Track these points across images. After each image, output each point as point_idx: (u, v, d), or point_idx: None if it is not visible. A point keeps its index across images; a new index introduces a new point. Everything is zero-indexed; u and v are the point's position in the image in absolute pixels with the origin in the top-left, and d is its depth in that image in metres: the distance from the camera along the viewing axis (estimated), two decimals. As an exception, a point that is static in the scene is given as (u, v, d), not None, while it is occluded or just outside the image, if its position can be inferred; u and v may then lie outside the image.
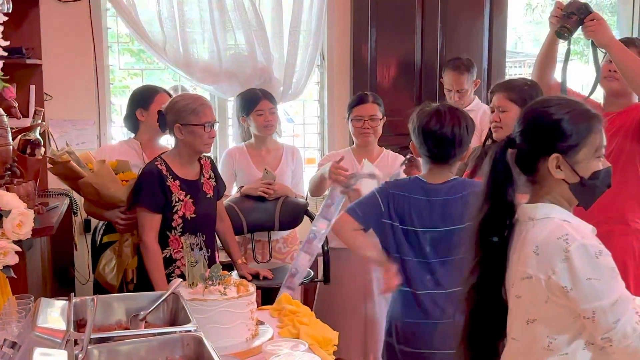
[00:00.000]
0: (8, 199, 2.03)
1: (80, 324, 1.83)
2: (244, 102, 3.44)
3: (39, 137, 2.78)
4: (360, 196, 2.71)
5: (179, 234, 2.69)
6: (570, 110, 1.66)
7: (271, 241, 3.39)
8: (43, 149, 2.81)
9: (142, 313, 1.90)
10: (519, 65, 7.59)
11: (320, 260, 3.39)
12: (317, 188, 3.21)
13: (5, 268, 1.98)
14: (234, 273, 2.91)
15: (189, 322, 1.77)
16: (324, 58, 4.20)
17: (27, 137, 2.72)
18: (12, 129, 2.62)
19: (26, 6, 3.43)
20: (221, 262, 2.71)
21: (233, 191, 3.45)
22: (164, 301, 1.96)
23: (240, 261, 2.98)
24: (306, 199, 3.45)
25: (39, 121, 2.89)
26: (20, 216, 2.01)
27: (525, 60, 7.45)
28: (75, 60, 3.69)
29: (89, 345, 1.54)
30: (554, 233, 1.58)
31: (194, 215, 2.70)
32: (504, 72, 4.48)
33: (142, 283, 2.68)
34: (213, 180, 2.83)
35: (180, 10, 3.72)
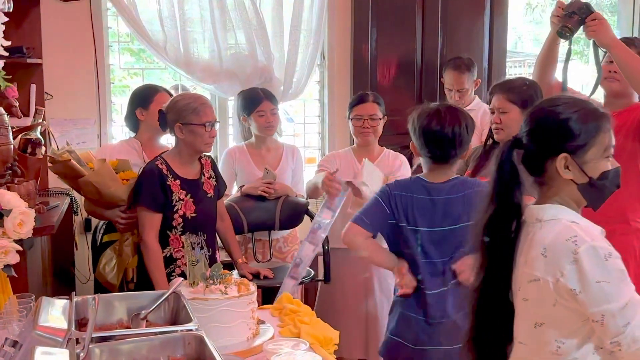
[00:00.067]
0: (9, 198, 2.03)
1: (81, 323, 1.83)
2: (245, 102, 3.44)
3: (39, 137, 2.77)
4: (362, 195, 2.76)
5: (180, 233, 2.69)
6: (579, 109, 1.62)
7: (272, 240, 3.39)
8: (44, 148, 2.80)
9: (144, 312, 1.90)
10: (519, 65, 7.59)
11: (320, 260, 3.39)
12: (313, 194, 3.26)
13: (6, 267, 1.98)
14: (235, 272, 2.91)
15: (190, 321, 1.77)
16: (325, 57, 4.20)
17: (28, 137, 2.72)
18: (13, 128, 2.62)
19: (27, 6, 3.43)
20: (222, 262, 2.71)
21: (233, 190, 3.45)
22: (165, 300, 1.96)
23: (240, 260, 2.98)
24: (306, 199, 3.46)
25: (40, 120, 2.88)
26: (21, 215, 2.01)
27: (525, 60, 7.45)
28: (75, 60, 3.69)
29: (91, 344, 1.53)
30: (562, 235, 1.55)
31: (194, 214, 2.70)
32: (505, 72, 4.48)
33: (143, 282, 2.68)
34: (213, 179, 2.83)
35: (181, 10, 3.71)
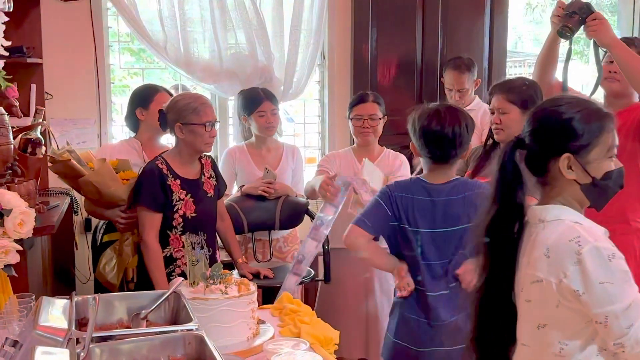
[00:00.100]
0: (9, 197, 2.03)
1: (81, 323, 1.83)
2: (246, 102, 3.44)
3: (39, 136, 2.77)
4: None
5: (180, 233, 2.69)
6: (582, 109, 1.61)
7: (272, 240, 3.39)
8: (44, 148, 2.80)
9: (144, 312, 1.90)
10: (519, 65, 7.59)
11: (321, 260, 3.39)
12: (311, 195, 3.28)
13: (7, 267, 1.97)
14: (235, 272, 2.91)
15: (190, 321, 1.77)
16: (325, 57, 4.19)
17: (28, 136, 2.72)
18: (13, 127, 2.62)
19: (27, 5, 3.42)
20: (222, 262, 2.71)
21: (234, 190, 3.45)
22: (165, 300, 1.96)
23: (240, 260, 2.98)
24: (306, 198, 3.46)
25: (40, 120, 2.89)
26: (22, 215, 2.00)
27: (525, 60, 7.45)
28: (76, 60, 3.69)
29: (91, 344, 1.53)
30: (565, 235, 1.54)
31: (194, 214, 2.70)
32: (505, 72, 4.48)
33: (143, 282, 2.68)
34: (214, 179, 2.83)
35: (181, 10, 3.71)
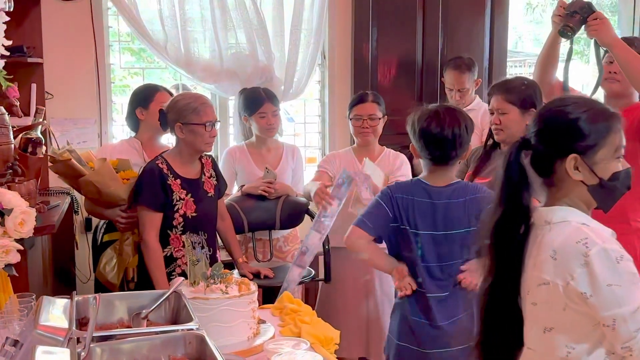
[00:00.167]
0: (10, 197, 2.02)
1: (82, 322, 1.83)
2: (247, 102, 3.43)
3: (40, 136, 2.77)
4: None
5: (180, 232, 2.69)
6: (588, 109, 1.59)
7: (272, 240, 3.39)
8: (44, 148, 2.80)
9: (144, 311, 1.90)
10: (519, 65, 7.59)
11: (321, 260, 3.39)
12: (309, 198, 3.28)
13: (7, 266, 1.97)
14: (235, 272, 2.91)
15: (191, 321, 1.76)
16: (325, 57, 4.19)
17: (29, 136, 2.72)
18: (14, 127, 2.62)
19: (27, 5, 3.42)
20: (222, 261, 2.71)
21: (234, 190, 3.45)
22: (165, 300, 1.96)
23: (241, 260, 2.98)
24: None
25: (40, 120, 2.88)
26: (22, 214, 2.00)
27: (525, 59, 7.45)
28: (76, 59, 3.69)
29: (91, 343, 1.53)
30: (572, 237, 1.51)
31: (194, 214, 2.70)
32: (505, 72, 4.48)
33: (143, 282, 2.68)
34: (214, 179, 2.83)
35: (182, 9, 3.71)
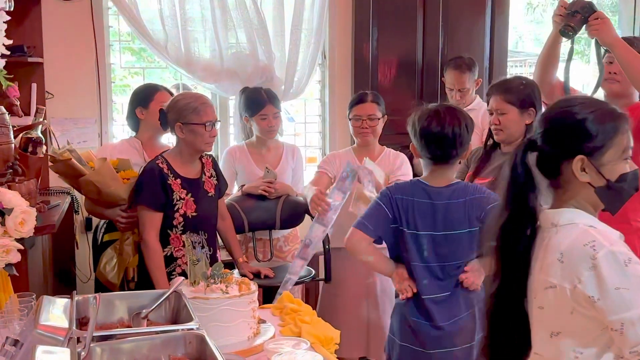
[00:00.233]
0: (10, 197, 2.02)
1: (82, 322, 1.83)
2: (248, 103, 3.42)
3: (40, 136, 2.77)
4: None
5: (180, 232, 2.69)
6: (595, 109, 1.56)
7: (272, 240, 3.39)
8: (44, 147, 2.80)
9: (145, 311, 1.90)
10: (519, 65, 7.60)
11: (321, 259, 3.39)
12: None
13: (8, 266, 1.97)
14: (236, 272, 2.91)
15: (191, 320, 1.76)
16: (326, 57, 4.19)
17: (29, 135, 2.72)
18: (14, 127, 2.62)
19: (28, 5, 3.43)
20: (222, 261, 2.71)
21: (234, 190, 3.45)
22: (166, 299, 1.96)
23: (241, 260, 2.98)
24: (307, 198, 3.46)
25: (41, 119, 2.88)
26: (23, 214, 2.00)
27: (526, 59, 7.46)
28: (76, 59, 3.69)
29: (92, 343, 1.53)
30: (579, 240, 1.49)
31: (195, 213, 2.70)
32: (506, 72, 4.48)
33: (143, 281, 2.68)
34: (214, 178, 2.83)
35: (182, 9, 3.71)
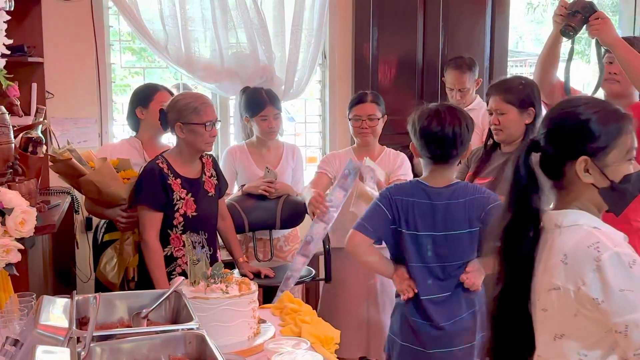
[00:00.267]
0: (11, 196, 2.02)
1: (82, 322, 1.83)
2: (249, 104, 3.42)
3: (40, 135, 2.78)
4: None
5: (180, 232, 2.69)
6: (599, 109, 1.54)
7: (272, 240, 3.39)
8: (45, 147, 2.80)
9: (145, 311, 1.90)
10: (520, 65, 7.60)
11: (321, 259, 3.39)
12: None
13: (8, 266, 1.97)
14: (236, 271, 2.91)
15: (191, 320, 1.76)
16: (326, 57, 4.19)
17: (29, 135, 2.72)
18: (14, 127, 2.62)
19: (28, 4, 3.43)
20: (223, 261, 2.71)
21: (234, 189, 3.45)
22: (166, 299, 1.96)
23: (241, 259, 2.98)
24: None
25: (41, 119, 2.89)
26: (23, 214, 2.00)
27: (526, 59, 7.46)
28: (77, 59, 3.69)
29: (92, 343, 1.53)
30: (583, 241, 1.47)
31: (195, 213, 2.70)
32: (506, 71, 4.48)
33: (143, 281, 2.68)
34: (215, 178, 2.83)
35: (182, 9, 3.71)
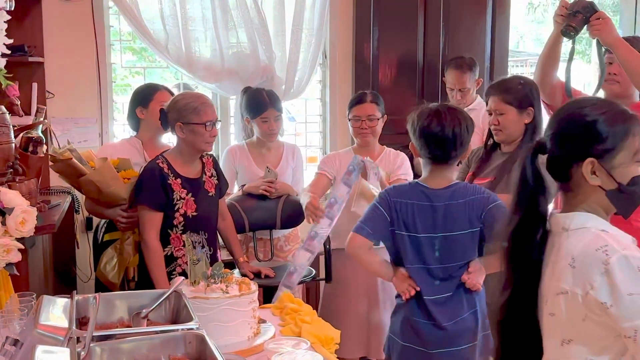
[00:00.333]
0: (11, 196, 2.02)
1: (82, 322, 1.83)
2: (249, 105, 3.41)
3: (41, 135, 2.78)
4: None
5: (181, 232, 2.69)
6: (606, 110, 1.52)
7: (273, 239, 3.39)
8: (45, 147, 2.80)
9: (145, 311, 1.90)
10: (520, 65, 7.60)
11: (322, 259, 3.39)
12: None
13: (8, 265, 1.97)
14: (236, 271, 2.91)
15: (191, 320, 1.76)
16: (326, 56, 4.19)
17: (29, 135, 2.72)
18: (15, 126, 2.62)
19: (29, 4, 3.43)
20: (223, 261, 2.71)
21: (235, 189, 3.45)
22: (166, 299, 1.96)
23: (242, 259, 2.98)
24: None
25: (41, 119, 2.89)
26: (24, 214, 2.00)
27: (527, 59, 7.46)
28: (77, 58, 3.69)
29: (91, 343, 1.53)
30: (591, 244, 1.45)
31: (195, 213, 2.70)
32: (507, 71, 4.47)
33: (143, 281, 2.68)
34: (215, 178, 2.83)
35: (183, 9, 3.71)
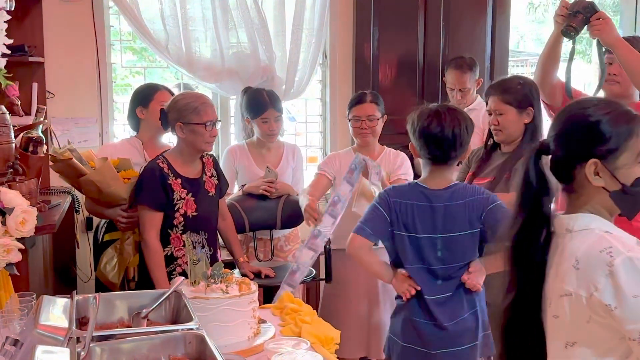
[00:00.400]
0: (11, 196, 2.02)
1: (82, 322, 1.83)
2: (250, 106, 3.41)
3: (41, 135, 2.77)
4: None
5: (181, 232, 2.69)
6: (610, 111, 1.51)
7: (273, 239, 3.39)
8: (45, 147, 2.80)
9: (145, 311, 1.90)
10: (521, 65, 7.60)
11: (322, 259, 3.39)
12: None
13: (8, 265, 1.97)
14: (236, 271, 2.91)
15: (191, 320, 1.76)
16: (327, 56, 4.19)
17: (30, 135, 2.72)
18: (15, 126, 2.62)
19: (29, 4, 3.43)
20: (223, 261, 2.71)
21: (235, 189, 3.45)
22: (166, 299, 1.96)
23: (242, 259, 2.98)
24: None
25: (41, 119, 2.89)
26: (24, 214, 2.00)
27: (527, 59, 7.46)
28: (77, 58, 3.69)
29: (91, 343, 1.53)
30: (595, 246, 1.44)
31: (195, 213, 2.70)
32: (507, 72, 4.46)
33: (143, 281, 2.68)
34: (215, 178, 2.83)
35: (183, 9, 3.71)
